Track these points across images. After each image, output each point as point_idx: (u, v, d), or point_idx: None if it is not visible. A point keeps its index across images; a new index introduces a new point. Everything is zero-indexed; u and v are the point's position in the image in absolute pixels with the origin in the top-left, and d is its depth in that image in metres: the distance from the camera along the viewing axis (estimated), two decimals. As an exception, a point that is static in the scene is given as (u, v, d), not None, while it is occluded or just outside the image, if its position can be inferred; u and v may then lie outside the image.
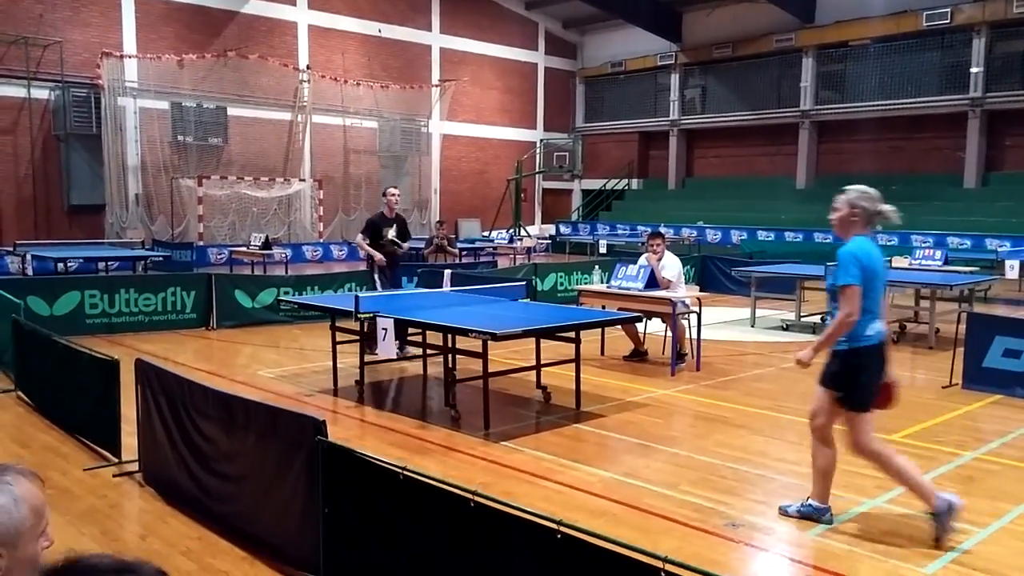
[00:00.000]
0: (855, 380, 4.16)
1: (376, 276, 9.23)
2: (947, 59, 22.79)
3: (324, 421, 3.64)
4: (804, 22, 24.89)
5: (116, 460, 5.33)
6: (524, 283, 9.17)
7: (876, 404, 4.24)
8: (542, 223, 30.82)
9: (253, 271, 16.30)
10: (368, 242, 8.93)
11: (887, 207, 4.25)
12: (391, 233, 8.89)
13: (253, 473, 4.13)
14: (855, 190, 4.30)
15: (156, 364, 4.96)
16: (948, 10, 21.83)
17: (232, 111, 22.43)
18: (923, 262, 12.33)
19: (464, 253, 17.54)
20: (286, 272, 16.52)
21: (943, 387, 7.68)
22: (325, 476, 3.56)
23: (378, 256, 8.90)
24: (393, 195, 8.97)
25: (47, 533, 1.47)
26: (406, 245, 9.25)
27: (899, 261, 12.83)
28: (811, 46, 24.93)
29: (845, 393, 4.19)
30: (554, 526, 2.63)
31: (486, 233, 26.01)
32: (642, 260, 8.95)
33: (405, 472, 3.20)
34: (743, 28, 26.17)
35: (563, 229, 28.37)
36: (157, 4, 21.29)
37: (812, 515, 4.40)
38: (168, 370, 4.83)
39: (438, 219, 18.64)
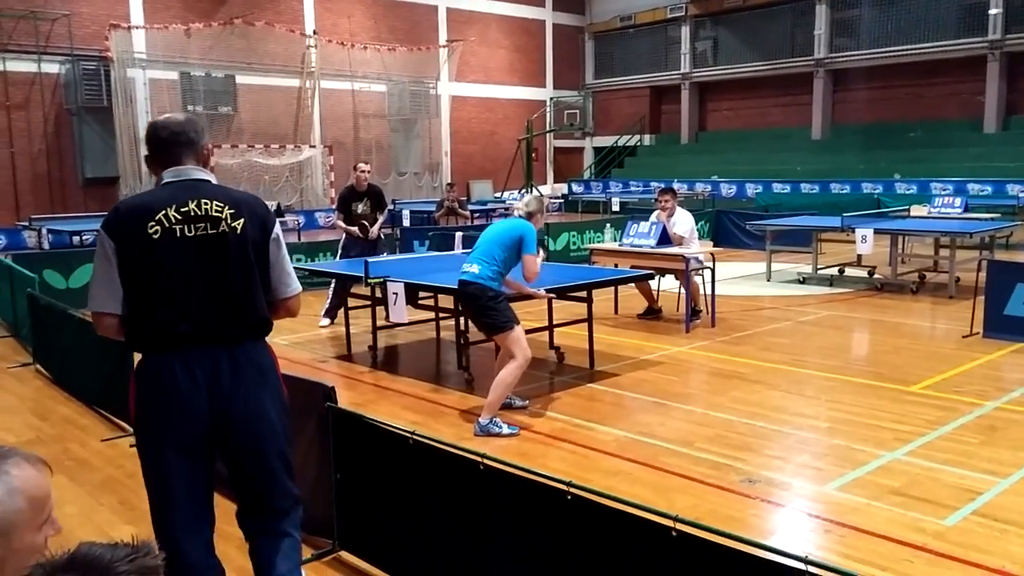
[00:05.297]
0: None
1: (340, 250, 9.24)
2: (964, 1, 22.18)
3: (333, 387, 3.62)
4: (817, -33, 24.29)
5: (132, 430, 5.35)
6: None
7: None
8: (554, 182, 30.57)
9: (266, 239, 16.26)
10: (342, 218, 8.92)
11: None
12: (362, 207, 8.86)
13: (266, 441, 4.13)
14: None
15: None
16: (965, -51, 21.22)
17: (241, 79, 22.25)
18: (942, 210, 12.10)
19: (475, 215, 17.43)
20: (299, 239, 16.54)
21: (963, 336, 7.57)
22: (336, 442, 3.55)
23: (352, 229, 8.89)
24: (362, 171, 8.90)
25: (52, 521, 1.42)
26: (382, 218, 9.16)
27: (918, 209, 12.61)
28: (825, -8, 24.35)
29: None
30: (564, 488, 2.60)
31: (498, 194, 25.83)
32: (653, 217, 8.84)
33: (414, 437, 3.18)
34: (755, -24, 25.57)
35: (575, 188, 28.14)
36: (161, -27, 21.04)
37: None
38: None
39: (448, 182, 18.48)
